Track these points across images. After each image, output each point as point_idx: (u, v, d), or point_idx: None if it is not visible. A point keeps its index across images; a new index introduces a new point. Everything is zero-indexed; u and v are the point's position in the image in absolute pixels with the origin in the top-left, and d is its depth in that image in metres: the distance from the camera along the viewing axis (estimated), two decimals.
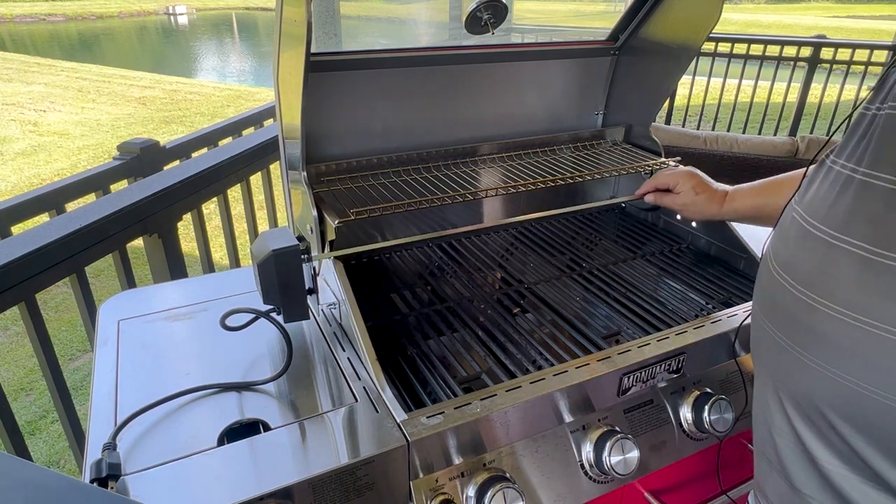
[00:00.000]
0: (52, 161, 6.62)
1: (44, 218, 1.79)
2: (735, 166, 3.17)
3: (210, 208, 3.51)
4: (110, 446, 0.80)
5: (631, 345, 1.01)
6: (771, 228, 0.79)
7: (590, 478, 0.95)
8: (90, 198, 1.90)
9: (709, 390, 1.05)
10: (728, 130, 5.39)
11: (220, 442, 0.83)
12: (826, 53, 5.06)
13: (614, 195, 1.67)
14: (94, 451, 0.80)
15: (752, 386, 1.13)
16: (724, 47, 5.02)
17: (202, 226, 2.11)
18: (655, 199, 1.32)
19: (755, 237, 1.48)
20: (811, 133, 5.55)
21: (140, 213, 1.68)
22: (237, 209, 3.04)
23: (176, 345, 1.06)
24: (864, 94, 0.75)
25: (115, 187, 2.03)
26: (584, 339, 1.10)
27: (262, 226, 2.80)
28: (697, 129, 5.01)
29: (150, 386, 0.94)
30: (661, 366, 1.01)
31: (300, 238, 1.05)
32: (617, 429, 0.95)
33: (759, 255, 1.32)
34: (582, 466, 0.94)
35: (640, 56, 1.50)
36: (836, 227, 0.64)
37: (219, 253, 3.64)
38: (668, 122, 5.53)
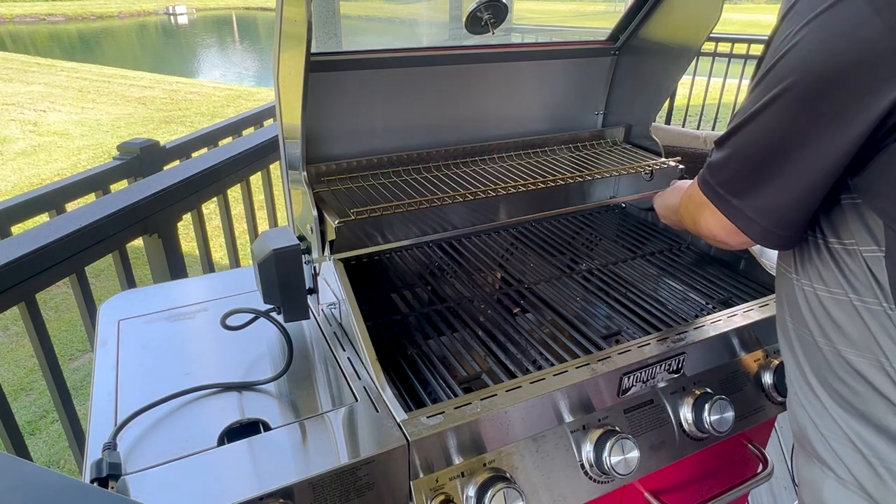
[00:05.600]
0: (52, 161, 6.62)
1: (44, 218, 1.79)
2: None
3: (210, 208, 3.51)
4: (110, 446, 0.80)
5: (631, 345, 1.01)
6: None
7: (590, 478, 0.95)
8: (90, 198, 1.90)
9: (709, 390, 1.05)
10: None
11: (220, 442, 0.83)
12: None
13: (614, 195, 1.67)
14: (94, 451, 0.80)
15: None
16: (724, 47, 5.01)
17: (202, 226, 2.11)
18: None
19: None
20: None
21: (140, 213, 1.68)
22: (237, 209, 3.04)
23: (176, 345, 1.06)
24: None
25: (115, 187, 2.03)
26: (584, 339, 1.10)
27: (262, 226, 2.79)
28: (697, 129, 5.01)
29: (150, 386, 0.94)
30: (661, 366, 1.01)
31: (301, 238, 1.05)
32: (617, 429, 0.95)
33: (759, 255, 1.33)
34: (582, 466, 0.94)
35: (640, 56, 1.50)
36: None
37: (219, 253, 3.63)
38: (668, 122, 5.53)
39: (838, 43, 0.60)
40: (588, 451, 0.94)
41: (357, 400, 0.91)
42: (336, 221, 1.04)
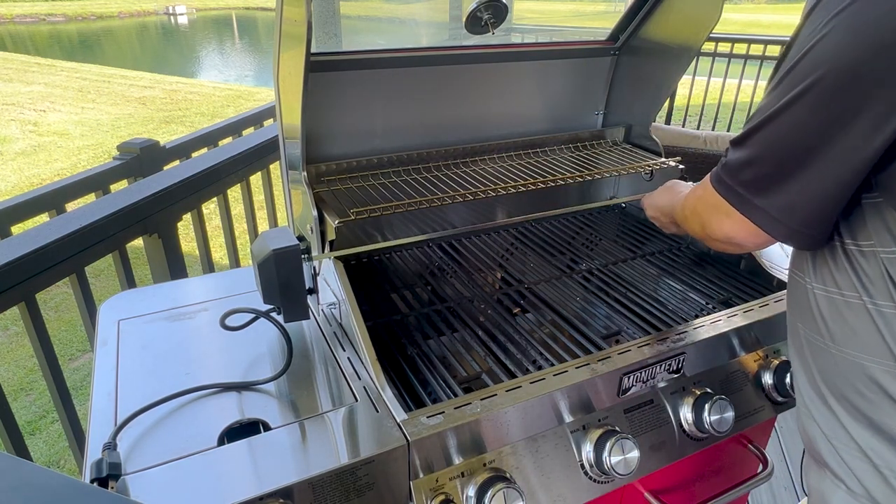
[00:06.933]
0: (52, 161, 6.62)
1: (44, 218, 1.79)
2: None
3: (210, 208, 3.51)
4: (110, 446, 0.80)
5: (631, 345, 1.01)
6: None
7: (590, 478, 0.95)
8: (90, 198, 1.90)
9: (709, 390, 1.05)
10: (728, 130, 5.38)
11: (220, 442, 0.83)
12: None
13: (614, 195, 1.67)
14: (94, 451, 0.80)
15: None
16: (724, 47, 5.01)
17: (202, 226, 2.11)
18: None
19: None
20: None
21: (140, 213, 1.68)
22: (237, 209, 3.04)
23: (176, 345, 1.06)
24: None
25: (115, 187, 2.03)
26: (584, 339, 1.10)
27: (262, 226, 2.79)
28: (697, 129, 5.01)
29: (150, 386, 0.94)
30: (661, 366, 1.01)
31: (300, 238, 1.05)
32: (617, 429, 0.95)
33: (759, 255, 1.32)
34: (582, 466, 0.94)
35: (640, 56, 1.50)
36: None
37: (219, 253, 3.63)
38: (668, 122, 5.53)
39: (868, 32, 0.59)
40: (588, 451, 0.94)
41: (357, 400, 0.91)
42: (336, 221, 1.04)
